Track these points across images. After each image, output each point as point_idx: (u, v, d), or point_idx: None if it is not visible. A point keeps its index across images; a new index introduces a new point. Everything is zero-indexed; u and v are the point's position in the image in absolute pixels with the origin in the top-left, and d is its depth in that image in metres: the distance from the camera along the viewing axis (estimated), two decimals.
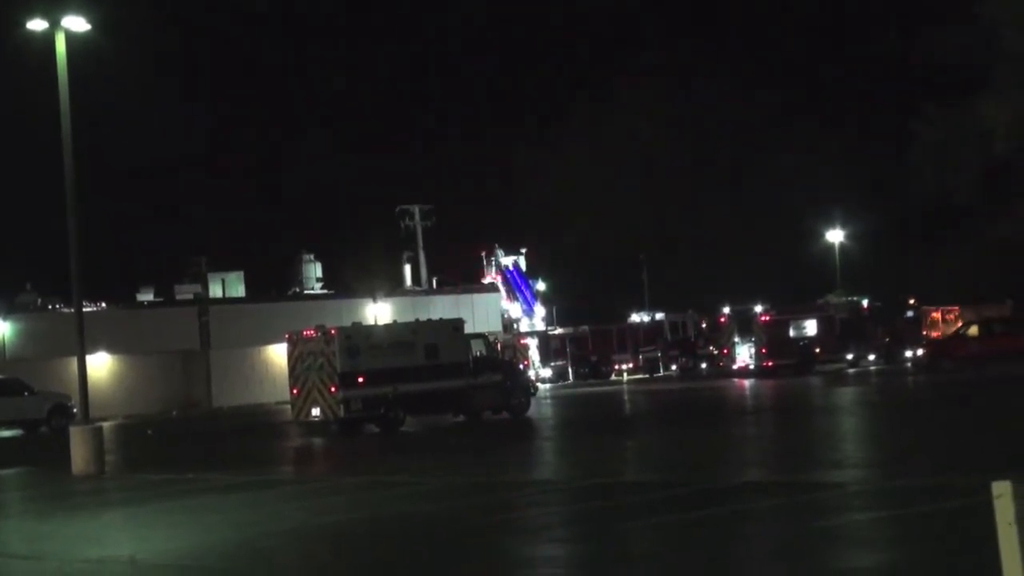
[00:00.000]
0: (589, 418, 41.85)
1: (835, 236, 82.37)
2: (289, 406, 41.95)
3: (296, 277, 78.26)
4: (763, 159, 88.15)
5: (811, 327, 60.29)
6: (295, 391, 39.81)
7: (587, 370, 70.74)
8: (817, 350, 59.87)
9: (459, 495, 21.91)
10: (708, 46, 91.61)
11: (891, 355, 62.19)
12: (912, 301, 67.04)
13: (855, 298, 66.23)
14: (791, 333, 59.94)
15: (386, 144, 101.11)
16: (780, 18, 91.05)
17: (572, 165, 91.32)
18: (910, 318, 65.45)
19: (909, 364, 58.73)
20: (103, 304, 66.12)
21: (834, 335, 60.49)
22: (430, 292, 76.61)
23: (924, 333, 65.40)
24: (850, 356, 60.98)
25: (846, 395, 44.08)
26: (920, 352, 57.05)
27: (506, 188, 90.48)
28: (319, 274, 78.84)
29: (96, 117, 69.96)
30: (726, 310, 63.11)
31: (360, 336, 40.16)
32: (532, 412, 43.09)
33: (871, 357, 61.77)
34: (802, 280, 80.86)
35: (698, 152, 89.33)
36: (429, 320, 45.44)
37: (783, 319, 60.21)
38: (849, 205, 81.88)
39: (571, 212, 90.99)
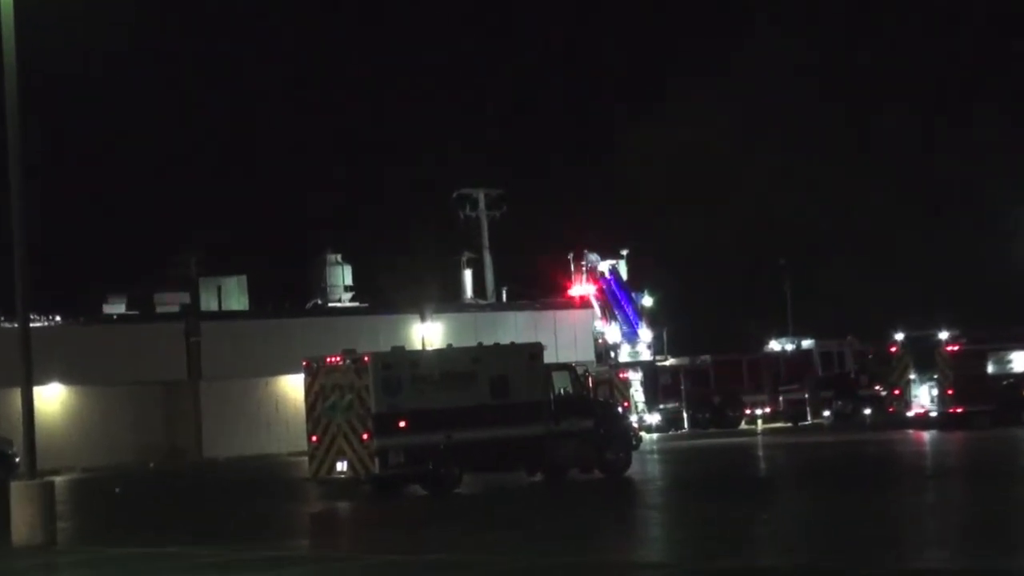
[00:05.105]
0: (710, 480, 41.76)
1: None
2: (306, 458, 42.01)
3: (318, 284, 78.53)
4: (950, 134, 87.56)
5: (1019, 361, 59.74)
6: (314, 438, 39.88)
7: (708, 415, 70.65)
8: None
9: None
10: None
11: None
12: None
13: None
14: (990, 369, 59.45)
15: (442, 118, 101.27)
16: None
17: (685, 142, 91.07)
18: None
19: None
20: (58, 318, 66.57)
21: None
22: (498, 307, 76.70)
23: None
24: None
25: None
26: None
27: (598, 174, 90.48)
28: (348, 281, 79.03)
29: (62, 86, 70.47)
30: (899, 337, 62.74)
31: (403, 365, 40.21)
32: (633, 470, 43.06)
33: None
34: (1005, 299, 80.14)
35: (858, 125, 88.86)
36: (496, 345, 45.42)
37: (978, 350, 59.69)
38: None
39: (685, 204, 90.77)
